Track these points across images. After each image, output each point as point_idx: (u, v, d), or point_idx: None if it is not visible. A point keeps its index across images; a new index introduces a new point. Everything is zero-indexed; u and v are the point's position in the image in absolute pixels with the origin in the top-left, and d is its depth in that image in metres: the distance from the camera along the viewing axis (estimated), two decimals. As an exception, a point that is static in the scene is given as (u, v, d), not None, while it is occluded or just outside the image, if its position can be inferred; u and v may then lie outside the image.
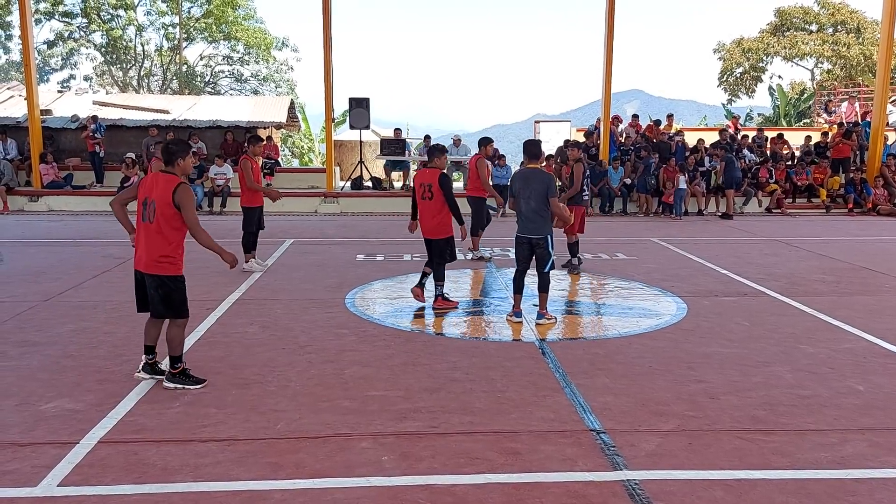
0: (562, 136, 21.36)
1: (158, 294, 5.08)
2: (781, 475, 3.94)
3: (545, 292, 7.08)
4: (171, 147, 5.15)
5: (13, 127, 18.47)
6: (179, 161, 5.10)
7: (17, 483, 3.78)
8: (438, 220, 7.42)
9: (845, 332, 6.75)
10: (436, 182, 7.33)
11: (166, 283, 5.08)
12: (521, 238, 7.07)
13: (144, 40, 40.64)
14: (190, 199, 5.02)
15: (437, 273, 7.58)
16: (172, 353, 5.15)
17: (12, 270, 9.49)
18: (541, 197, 6.86)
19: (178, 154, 5.10)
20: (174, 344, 5.14)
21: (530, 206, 6.91)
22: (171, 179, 5.01)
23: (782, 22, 38.60)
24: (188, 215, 5.01)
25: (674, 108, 33.78)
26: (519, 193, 7.02)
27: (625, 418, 4.68)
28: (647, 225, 14.97)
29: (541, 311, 7.10)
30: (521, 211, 7.02)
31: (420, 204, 7.51)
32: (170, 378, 5.13)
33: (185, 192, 4.99)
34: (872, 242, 12.68)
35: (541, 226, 6.95)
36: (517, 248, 7.13)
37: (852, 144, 18.55)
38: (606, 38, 17.41)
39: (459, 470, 3.95)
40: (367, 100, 18.22)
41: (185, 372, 5.17)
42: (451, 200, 7.32)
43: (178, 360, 5.16)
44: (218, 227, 14.01)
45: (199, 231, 5.10)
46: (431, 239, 7.54)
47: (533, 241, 6.99)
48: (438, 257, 7.53)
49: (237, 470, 3.94)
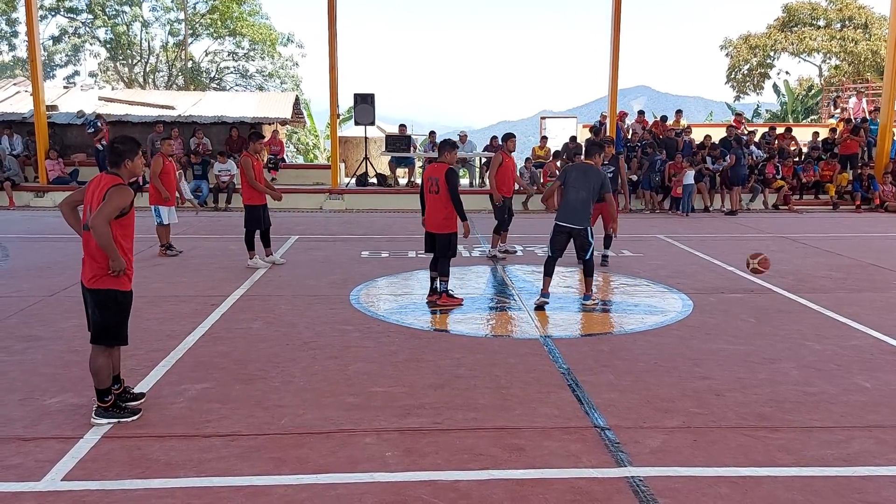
0: (567, 132, 21.30)
1: (98, 312, 4.46)
2: (787, 472, 3.91)
3: (590, 277, 7.61)
4: (118, 147, 4.50)
5: (19, 123, 18.52)
6: (127, 162, 4.50)
7: (21, 477, 3.78)
8: (444, 214, 7.37)
9: (852, 329, 6.71)
10: (442, 176, 7.29)
11: (108, 298, 4.46)
12: (561, 227, 7.39)
13: (150, 36, 40.70)
14: (120, 196, 4.35)
15: (443, 268, 7.55)
16: (99, 387, 4.48)
17: (17, 265, 9.52)
18: (594, 191, 7.26)
19: (127, 155, 4.49)
20: (102, 376, 4.47)
21: (580, 196, 7.26)
22: (110, 180, 4.42)
23: (790, 18, 38.38)
24: (103, 207, 4.29)
25: (680, 104, 33.62)
26: (572, 183, 7.33)
27: (629, 415, 4.66)
28: (652, 222, 14.92)
29: (586, 293, 7.65)
30: (569, 200, 7.34)
31: (427, 198, 7.48)
32: (100, 413, 4.47)
33: (119, 190, 4.37)
34: (880, 239, 12.61)
35: (584, 217, 7.32)
36: (554, 236, 7.44)
37: (860, 141, 18.45)
38: (613, 33, 17.34)
39: (463, 466, 3.94)
40: (372, 96, 18.19)
41: (117, 404, 4.54)
42: (454, 195, 7.28)
43: (107, 393, 4.51)
44: (223, 223, 14.04)
45: (100, 226, 4.26)
46: (435, 233, 7.50)
47: (574, 232, 7.34)
48: (441, 252, 7.51)
49: (241, 465, 3.94)
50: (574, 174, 7.40)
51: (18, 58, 39.39)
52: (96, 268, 4.43)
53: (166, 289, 8.18)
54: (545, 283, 7.47)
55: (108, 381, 4.53)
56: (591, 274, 7.61)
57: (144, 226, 10.04)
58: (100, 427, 4.38)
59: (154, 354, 5.77)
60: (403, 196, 16.80)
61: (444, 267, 7.54)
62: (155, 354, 5.77)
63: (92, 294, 4.47)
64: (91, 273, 4.45)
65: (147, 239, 10.50)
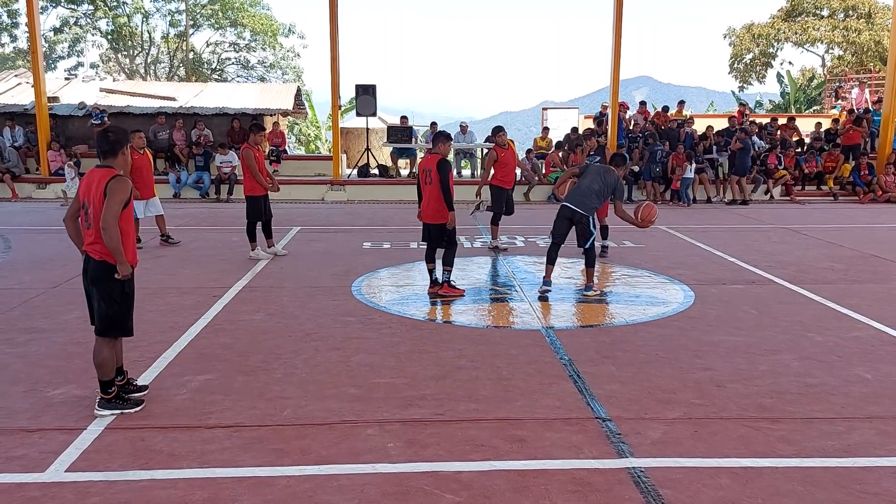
0: (569, 123, 21.26)
1: (103, 305, 4.47)
2: (788, 463, 3.92)
3: (591, 267, 7.67)
4: (112, 136, 4.46)
5: (20, 114, 18.50)
6: (124, 150, 4.49)
7: (26, 468, 3.80)
8: (438, 205, 7.36)
9: (853, 321, 6.72)
10: (434, 167, 7.30)
11: (110, 279, 4.44)
12: (565, 209, 7.50)
13: (151, 27, 40.63)
14: (122, 190, 4.35)
15: (447, 258, 7.56)
16: (103, 379, 4.51)
17: (20, 257, 9.54)
18: (606, 189, 7.48)
19: (122, 143, 4.48)
20: (106, 367, 4.51)
21: (593, 188, 7.46)
22: (105, 174, 4.39)
23: (793, 7, 38.20)
24: (110, 204, 4.28)
25: (683, 94, 33.52)
26: (590, 173, 7.56)
27: (631, 406, 4.67)
28: (654, 212, 14.88)
29: (588, 284, 7.71)
30: (581, 186, 7.51)
31: (423, 189, 7.50)
32: (102, 404, 4.50)
33: (121, 182, 4.36)
34: (882, 230, 12.59)
35: (590, 206, 7.45)
36: (557, 220, 7.57)
37: (863, 131, 18.38)
38: (615, 23, 17.26)
39: (465, 457, 3.96)
40: (374, 87, 18.15)
41: (120, 395, 4.59)
42: (444, 185, 7.25)
43: (111, 385, 4.54)
44: (225, 214, 14.05)
45: (112, 226, 4.28)
46: (431, 224, 7.52)
47: (576, 217, 7.43)
48: (438, 242, 7.52)
49: (243, 456, 3.95)
50: (595, 169, 7.70)
51: (20, 49, 39.33)
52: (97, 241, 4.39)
53: (168, 280, 8.19)
54: (547, 270, 7.60)
55: (112, 373, 4.54)
56: (593, 264, 7.69)
57: (146, 218, 10.05)
58: (103, 418, 4.40)
59: (157, 346, 5.79)
60: (405, 187, 16.78)
61: (447, 257, 7.54)
62: (157, 346, 5.79)
63: (97, 285, 4.46)
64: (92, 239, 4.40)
65: (148, 230, 10.51)
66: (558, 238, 7.58)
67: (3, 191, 16.50)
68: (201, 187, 16.72)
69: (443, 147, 7.46)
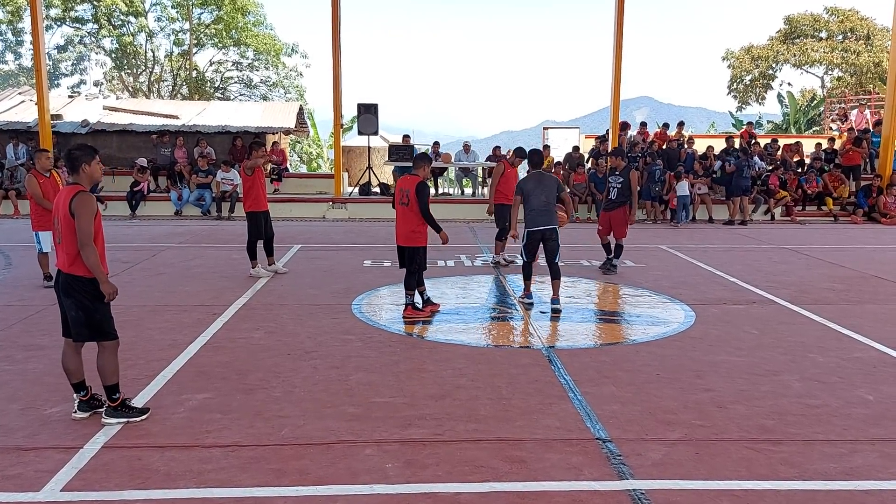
0: (570, 142, 21.34)
1: (79, 315, 4.54)
2: (790, 486, 3.89)
3: (558, 279, 7.81)
4: (74, 153, 4.62)
5: (24, 132, 18.58)
6: (84, 167, 4.60)
7: (21, 488, 3.77)
8: (412, 228, 7.29)
9: (855, 341, 6.69)
10: (413, 189, 7.24)
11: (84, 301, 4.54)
12: (533, 233, 7.78)
13: (155, 46, 40.88)
14: (85, 206, 4.43)
15: (409, 281, 7.41)
16: (107, 383, 4.61)
17: (21, 274, 9.54)
18: (552, 193, 7.80)
19: (82, 160, 4.60)
20: (106, 372, 4.61)
21: (541, 200, 7.75)
22: (70, 190, 4.50)
23: (792, 29, 38.52)
24: (81, 225, 4.39)
25: (683, 114, 33.70)
26: (531, 192, 7.80)
27: (631, 427, 4.64)
28: (655, 232, 14.92)
29: (554, 297, 7.76)
30: (533, 207, 7.79)
31: (398, 209, 7.42)
32: (109, 413, 4.61)
33: (82, 199, 4.44)
34: (883, 251, 12.58)
35: (550, 218, 7.77)
36: (528, 242, 7.87)
37: (862, 152, 18.43)
38: (615, 44, 17.40)
39: (464, 478, 3.92)
40: (376, 106, 18.26)
41: (125, 403, 4.67)
42: (424, 209, 7.20)
43: (115, 391, 4.64)
44: (225, 232, 14.06)
45: (88, 246, 4.41)
46: (403, 246, 7.41)
47: (545, 234, 7.75)
48: (410, 264, 7.38)
49: (241, 476, 3.92)
50: (530, 184, 7.89)
51: (24, 67, 39.61)
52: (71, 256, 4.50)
53: (168, 298, 8.18)
54: (526, 285, 8.10)
55: (115, 378, 4.62)
56: (559, 277, 7.86)
57: (147, 234, 10.06)
58: (102, 435, 4.37)
59: (155, 364, 5.77)
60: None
61: (409, 280, 7.40)
62: (156, 364, 5.77)
63: (69, 296, 4.53)
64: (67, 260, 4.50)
65: (151, 248, 10.51)
66: (531, 256, 7.99)
67: (7, 207, 16.54)
68: (203, 205, 16.77)
69: (423, 170, 7.45)
